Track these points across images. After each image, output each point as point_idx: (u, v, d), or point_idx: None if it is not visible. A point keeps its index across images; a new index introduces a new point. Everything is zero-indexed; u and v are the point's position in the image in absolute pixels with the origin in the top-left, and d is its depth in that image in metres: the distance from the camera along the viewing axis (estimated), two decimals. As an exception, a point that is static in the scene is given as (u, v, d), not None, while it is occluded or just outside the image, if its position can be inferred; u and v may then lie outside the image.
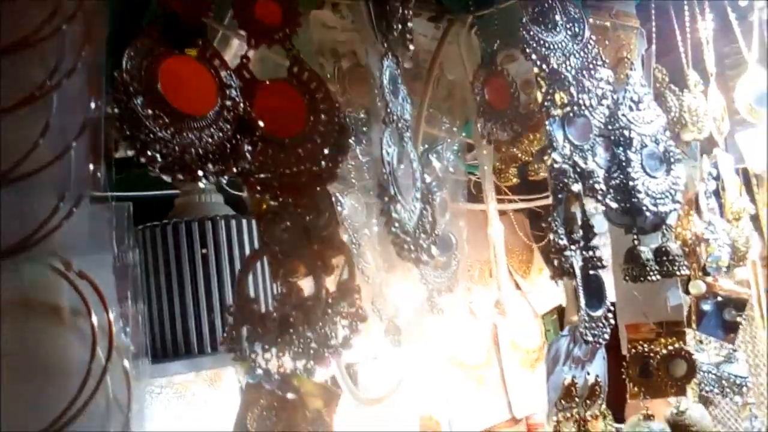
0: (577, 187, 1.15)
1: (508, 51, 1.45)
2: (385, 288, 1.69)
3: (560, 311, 3.21)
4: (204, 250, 1.38)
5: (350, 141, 0.97)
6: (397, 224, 0.94)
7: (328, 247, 0.95)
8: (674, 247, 1.27)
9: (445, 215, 1.82)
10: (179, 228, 1.44)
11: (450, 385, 2.86)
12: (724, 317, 1.38)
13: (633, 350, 1.28)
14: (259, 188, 0.88)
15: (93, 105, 0.81)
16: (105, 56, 0.82)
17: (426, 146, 1.73)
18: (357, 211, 1.61)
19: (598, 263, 1.19)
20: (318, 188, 0.93)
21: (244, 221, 1.47)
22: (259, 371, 0.86)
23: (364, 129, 1.59)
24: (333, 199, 1.00)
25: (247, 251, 1.42)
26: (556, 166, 1.14)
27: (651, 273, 1.25)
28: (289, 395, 0.89)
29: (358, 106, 1.50)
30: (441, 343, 2.51)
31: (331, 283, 0.98)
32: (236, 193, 1.79)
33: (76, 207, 0.75)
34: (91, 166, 0.79)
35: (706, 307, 1.39)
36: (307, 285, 0.94)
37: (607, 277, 1.28)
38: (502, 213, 2.00)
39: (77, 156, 0.78)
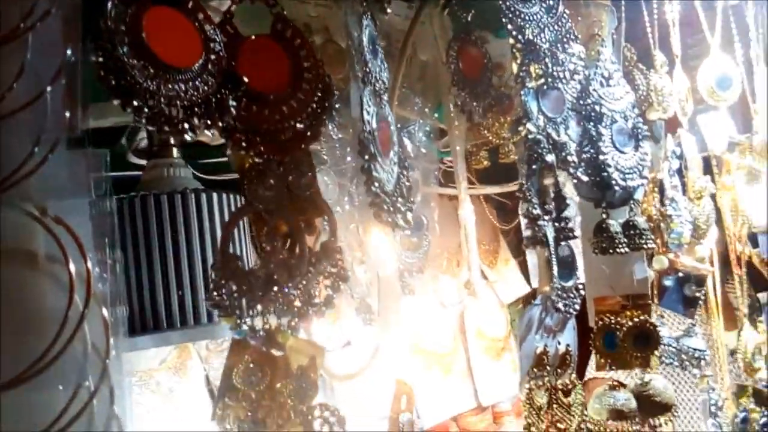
0: (550, 158, 1.18)
1: (481, 33, 1.48)
2: (357, 266, 1.69)
3: (525, 301, 3.28)
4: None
5: (334, 101, 0.97)
6: (377, 183, 0.95)
7: (310, 206, 0.94)
8: (641, 221, 1.32)
9: (417, 196, 1.84)
10: (148, 201, 1.41)
11: (416, 373, 2.88)
12: (685, 293, 1.44)
13: (600, 322, 1.32)
14: (243, 144, 0.88)
15: (69, 51, 0.79)
16: (81, 1, 0.80)
17: (399, 126, 1.74)
18: (328, 188, 1.60)
19: (570, 233, 1.22)
20: (301, 146, 0.92)
21: (215, 195, 1.45)
22: (245, 327, 0.85)
23: (337, 106, 1.59)
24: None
25: (218, 225, 1.40)
26: (530, 136, 1.17)
27: (619, 245, 1.29)
28: (274, 352, 0.88)
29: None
30: (409, 328, 2.53)
31: (312, 243, 0.97)
32: (208, 177, 1.77)
33: (52, 152, 0.73)
34: (68, 113, 0.77)
35: (668, 282, 1.44)
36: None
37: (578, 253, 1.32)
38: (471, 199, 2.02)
39: (53, 101, 0.76)
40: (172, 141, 1.54)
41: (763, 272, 1.68)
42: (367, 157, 0.94)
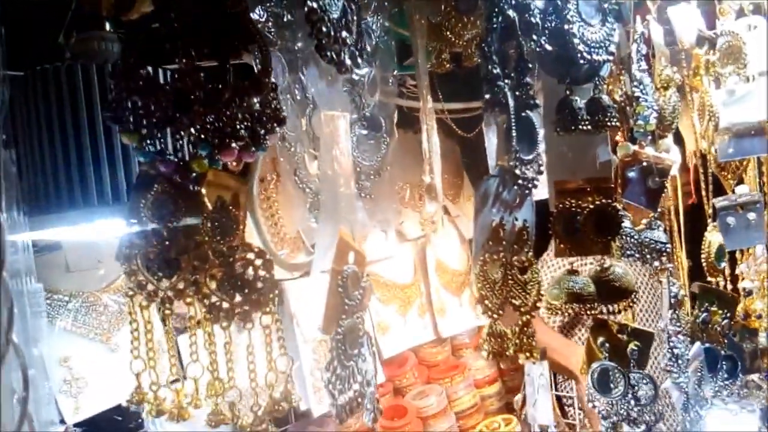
0: (512, 14, 1.08)
1: None
2: (309, 161, 1.58)
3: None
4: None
5: None
6: (316, 4, 0.83)
7: (235, 27, 0.82)
8: (606, 98, 1.24)
9: (375, 95, 1.73)
10: (75, 71, 1.26)
11: (375, 304, 2.83)
12: (648, 184, 1.38)
13: (560, 206, 1.25)
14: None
15: None
16: None
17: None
18: (277, 72, 1.47)
19: (531, 102, 1.13)
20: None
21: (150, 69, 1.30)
22: (151, 149, 0.73)
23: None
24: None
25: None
26: (493, -12, 1.06)
27: (583, 123, 1.21)
28: (189, 186, 0.77)
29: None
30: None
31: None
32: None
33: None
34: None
35: (631, 174, 1.38)
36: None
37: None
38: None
39: None
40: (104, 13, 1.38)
41: (719, 177, 1.64)
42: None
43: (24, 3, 1.43)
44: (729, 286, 1.61)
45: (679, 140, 1.86)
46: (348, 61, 0.90)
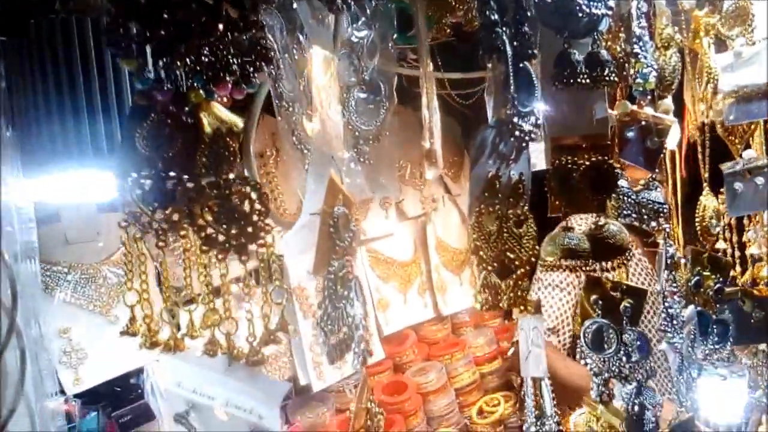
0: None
1: None
2: (306, 122, 1.57)
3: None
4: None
5: None
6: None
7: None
8: (605, 53, 1.23)
9: (375, 59, 1.73)
10: (70, 24, 1.26)
11: (375, 281, 2.83)
12: (646, 144, 1.38)
13: (556, 162, 1.25)
14: None
15: None
16: None
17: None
18: (275, 30, 1.46)
19: (529, 51, 1.13)
20: None
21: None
22: (150, 75, 0.73)
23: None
24: None
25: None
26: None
27: (581, 77, 1.21)
28: (184, 117, 0.77)
29: None
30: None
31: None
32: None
33: None
34: None
35: (630, 134, 1.38)
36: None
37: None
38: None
39: None
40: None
41: (726, 143, 1.63)
42: None
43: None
44: (737, 253, 1.60)
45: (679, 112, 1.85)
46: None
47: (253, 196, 0.78)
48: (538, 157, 1.30)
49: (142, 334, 0.82)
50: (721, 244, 1.60)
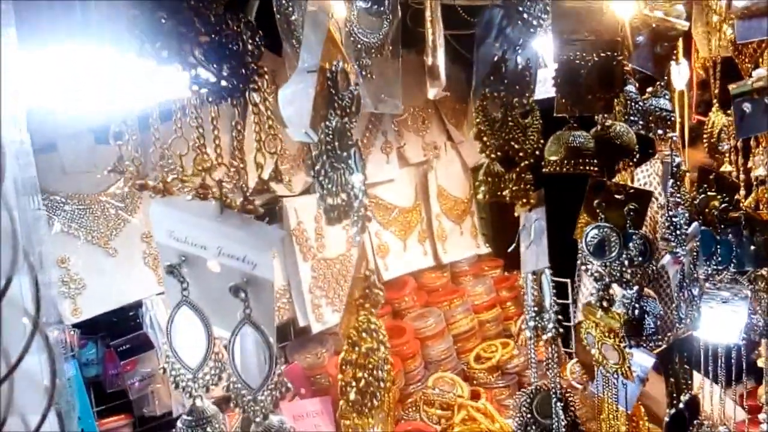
0: None
1: None
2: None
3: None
4: None
5: None
6: None
7: None
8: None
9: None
10: None
11: (375, 227, 2.81)
12: (656, 50, 1.34)
13: (564, 57, 1.20)
14: None
15: None
16: None
17: None
18: None
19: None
20: None
21: None
22: None
23: None
24: None
25: None
26: None
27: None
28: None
29: None
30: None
31: None
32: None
33: None
34: None
35: (640, 38, 1.34)
36: None
37: None
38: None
39: None
40: None
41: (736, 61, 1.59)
42: None
43: None
44: (742, 177, 1.56)
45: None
46: None
47: (246, 35, 0.75)
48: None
49: (129, 171, 0.80)
50: (727, 167, 1.57)
